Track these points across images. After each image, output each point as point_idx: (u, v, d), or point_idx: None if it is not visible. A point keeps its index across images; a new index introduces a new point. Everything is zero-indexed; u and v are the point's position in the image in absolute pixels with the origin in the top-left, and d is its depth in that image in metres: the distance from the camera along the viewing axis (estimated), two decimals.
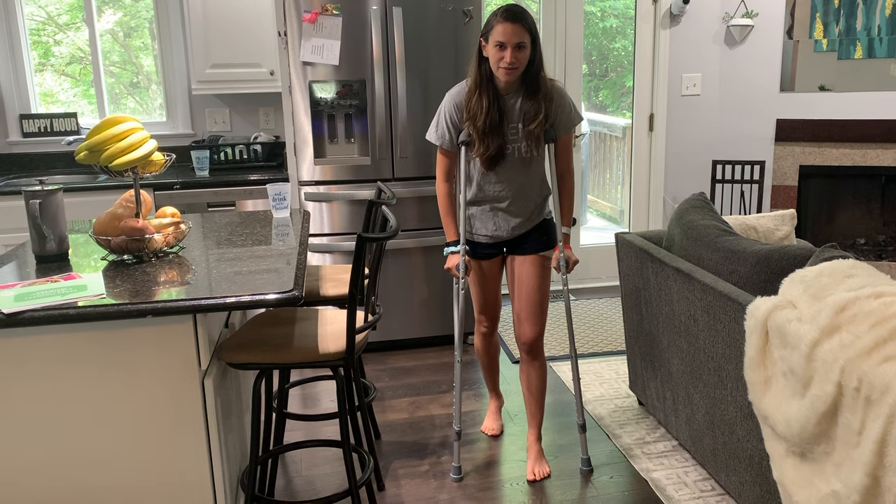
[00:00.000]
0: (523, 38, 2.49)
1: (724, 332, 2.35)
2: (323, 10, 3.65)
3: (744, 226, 2.99)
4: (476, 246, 2.84)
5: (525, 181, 2.74)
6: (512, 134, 2.66)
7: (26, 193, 2.24)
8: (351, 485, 2.35)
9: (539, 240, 2.81)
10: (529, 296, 2.79)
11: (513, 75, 2.54)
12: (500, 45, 2.49)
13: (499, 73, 2.54)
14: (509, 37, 2.47)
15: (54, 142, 4.33)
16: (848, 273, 1.93)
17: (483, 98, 2.59)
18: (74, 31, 4.53)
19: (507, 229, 2.78)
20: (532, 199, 2.77)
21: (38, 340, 1.89)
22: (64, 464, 1.98)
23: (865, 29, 4.70)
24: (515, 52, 2.49)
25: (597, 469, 2.87)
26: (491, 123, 2.60)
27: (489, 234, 2.80)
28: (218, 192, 3.97)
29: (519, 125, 2.65)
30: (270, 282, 2.01)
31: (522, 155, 2.69)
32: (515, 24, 2.47)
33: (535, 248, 2.80)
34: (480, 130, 2.61)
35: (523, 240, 2.80)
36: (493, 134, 2.61)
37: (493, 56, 2.53)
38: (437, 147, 2.77)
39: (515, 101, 2.64)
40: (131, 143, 2.28)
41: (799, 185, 4.97)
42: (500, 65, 2.51)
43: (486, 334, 3.01)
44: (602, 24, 5.23)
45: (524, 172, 2.73)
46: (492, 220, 2.78)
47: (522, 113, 2.64)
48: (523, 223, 2.79)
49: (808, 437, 1.83)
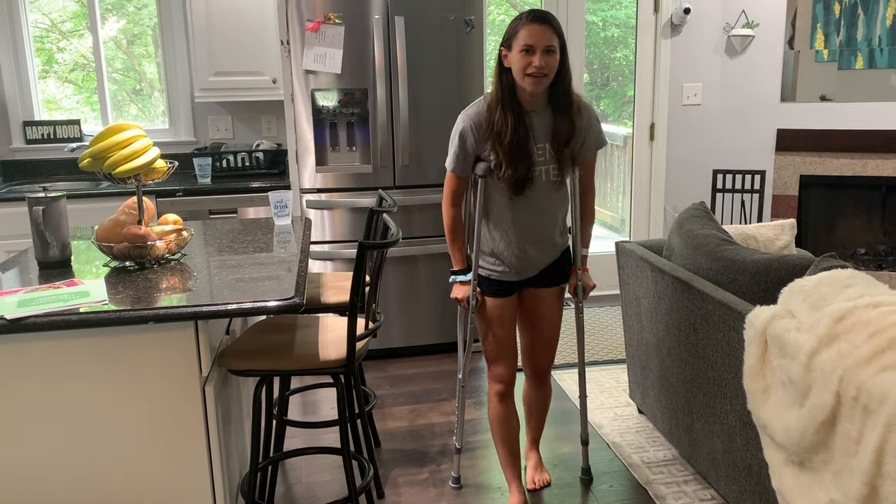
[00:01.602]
0: (552, 42, 2.23)
1: (723, 341, 2.36)
2: (325, 20, 3.68)
3: (744, 235, 3.00)
4: (492, 283, 2.52)
5: (555, 207, 2.46)
6: (539, 155, 2.37)
7: (30, 200, 2.25)
8: (351, 492, 2.35)
9: (560, 271, 2.58)
10: (548, 332, 2.61)
11: (542, 84, 2.27)
12: (528, 50, 2.22)
13: (525, 81, 2.26)
14: (537, 39, 2.21)
15: (57, 148, 4.35)
16: (847, 283, 1.94)
17: (507, 113, 2.31)
18: (78, 38, 4.55)
19: (534, 267, 2.50)
20: (559, 227, 2.53)
21: (41, 346, 1.90)
22: (64, 469, 1.99)
23: (866, 39, 4.72)
24: (545, 56, 2.22)
25: (596, 478, 2.87)
26: (519, 141, 2.31)
27: (514, 272, 2.49)
28: (220, 199, 3.99)
29: (546, 145, 2.37)
30: (272, 289, 2.02)
31: (551, 179, 2.39)
32: (544, 26, 2.23)
33: (556, 279, 2.58)
34: (507, 150, 2.30)
35: (545, 272, 2.55)
36: (521, 153, 2.32)
37: (518, 63, 2.25)
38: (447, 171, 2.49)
39: (542, 118, 2.36)
40: (134, 150, 2.30)
41: (799, 194, 4.98)
42: (527, 71, 2.23)
43: (503, 394, 2.57)
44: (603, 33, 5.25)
45: (554, 197, 2.44)
46: (516, 256, 2.46)
47: (552, 133, 2.36)
48: (553, 255, 2.54)
49: (806, 446, 1.83)
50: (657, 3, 4.76)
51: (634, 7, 4.85)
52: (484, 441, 3.16)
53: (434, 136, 3.87)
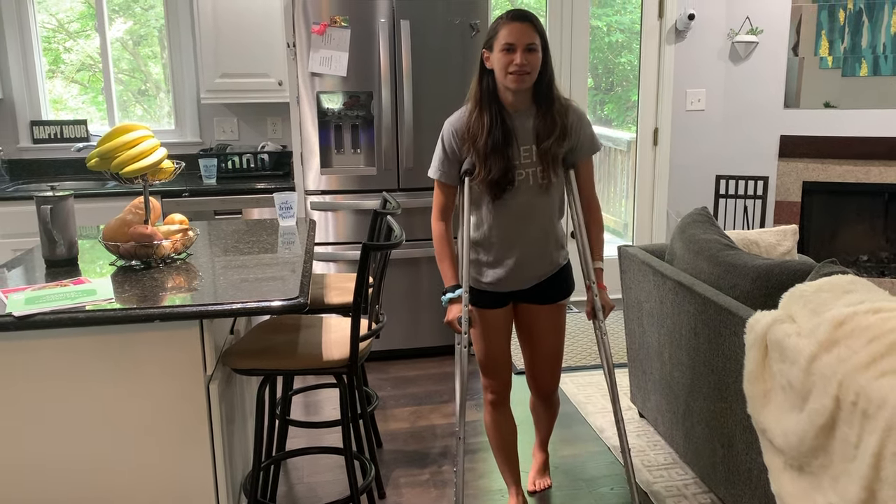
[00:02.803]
0: (534, 40, 2.21)
1: (724, 345, 2.37)
2: (332, 22, 3.70)
3: (746, 240, 3.01)
4: (482, 294, 2.43)
5: (544, 214, 2.37)
6: (525, 157, 2.30)
7: (38, 199, 2.28)
8: (353, 492, 2.36)
9: (557, 287, 2.46)
10: (547, 351, 2.52)
11: (524, 82, 2.22)
12: (509, 48, 2.19)
13: (507, 80, 2.22)
14: (518, 37, 2.19)
15: (64, 148, 4.37)
16: (847, 288, 1.95)
17: (484, 115, 2.27)
18: (84, 38, 4.58)
19: (524, 278, 2.41)
20: (553, 236, 2.42)
21: (48, 343, 1.92)
22: (69, 465, 2.00)
23: (871, 47, 4.73)
24: (526, 54, 2.19)
25: (596, 481, 2.88)
26: (494, 143, 2.25)
27: (502, 282, 2.41)
28: (225, 199, 4.01)
29: (532, 147, 2.30)
30: (276, 289, 2.04)
31: (538, 181, 2.31)
32: (524, 24, 2.20)
33: (553, 296, 2.46)
34: (482, 151, 2.26)
35: (540, 287, 2.45)
36: (497, 155, 2.26)
37: (500, 63, 2.21)
38: (434, 181, 2.41)
39: (526, 120, 2.31)
40: (142, 150, 2.32)
41: (802, 201, 4.99)
42: (509, 69, 2.20)
43: (496, 403, 2.53)
44: (608, 38, 5.27)
45: (542, 202, 2.35)
46: (505, 267, 2.38)
47: (535, 132, 2.30)
48: (544, 268, 2.43)
49: (805, 451, 1.84)
50: (662, 8, 4.78)
51: (639, 12, 4.87)
52: (484, 443, 3.17)
53: (438, 140, 3.89)
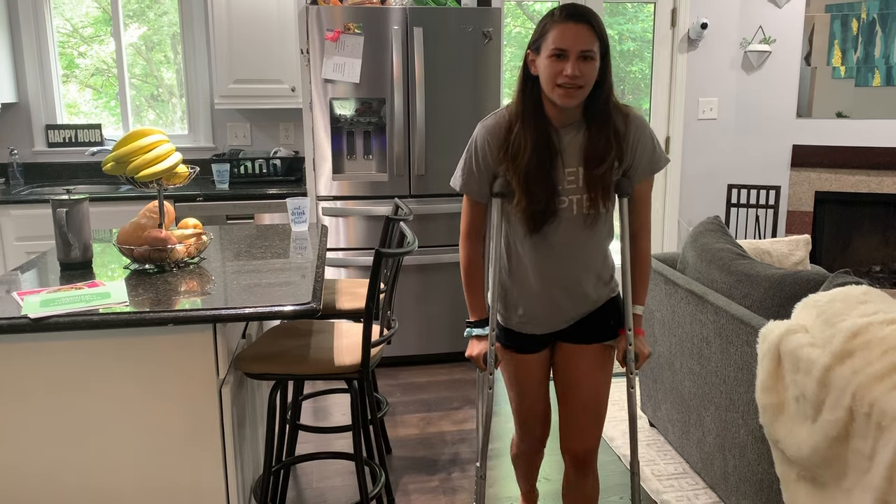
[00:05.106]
0: (591, 46, 1.78)
1: (736, 355, 2.36)
2: (345, 29, 3.72)
3: (758, 250, 3.00)
4: (511, 334, 2.09)
5: (587, 251, 1.98)
6: (570, 183, 1.90)
7: (54, 202, 2.29)
8: (363, 497, 2.36)
9: (604, 324, 2.06)
10: (586, 399, 2.08)
11: (574, 98, 1.81)
12: (559, 54, 1.78)
13: (555, 93, 1.81)
14: (572, 41, 1.77)
15: (78, 152, 4.41)
16: (861, 299, 1.94)
17: (528, 130, 1.87)
18: (98, 43, 4.62)
19: (562, 318, 2.04)
20: (596, 273, 2.02)
21: (63, 345, 1.93)
22: (81, 466, 2.01)
23: (884, 57, 4.72)
24: (580, 63, 1.77)
25: (607, 490, 2.87)
26: (538, 166, 1.86)
27: (536, 322, 2.05)
28: (237, 204, 4.03)
29: (579, 169, 1.89)
30: (288, 294, 2.05)
31: (583, 211, 1.92)
32: (580, 25, 1.78)
33: (597, 335, 2.06)
34: (523, 174, 1.87)
35: (580, 325, 2.06)
36: (541, 180, 1.88)
37: (547, 71, 1.81)
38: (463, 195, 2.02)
39: (574, 138, 1.90)
40: (157, 155, 2.33)
41: (814, 211, 4.97)
42: (557, 81, 1.79)
43: (530, 453, 2.27)
44: (620, 47, 5.27)
45: (585, 237, 1.96)
46: (540, 305, 2.02)
47: (584, 153, 1.89)
48: (584, 306, 2.04)
49: (819, 462, 1.83)
50: (674, 17, 4.78)
51: (651, 21, 4.87)
52: (495, 450, 3.17)
53: (449, 147, 3.90)
